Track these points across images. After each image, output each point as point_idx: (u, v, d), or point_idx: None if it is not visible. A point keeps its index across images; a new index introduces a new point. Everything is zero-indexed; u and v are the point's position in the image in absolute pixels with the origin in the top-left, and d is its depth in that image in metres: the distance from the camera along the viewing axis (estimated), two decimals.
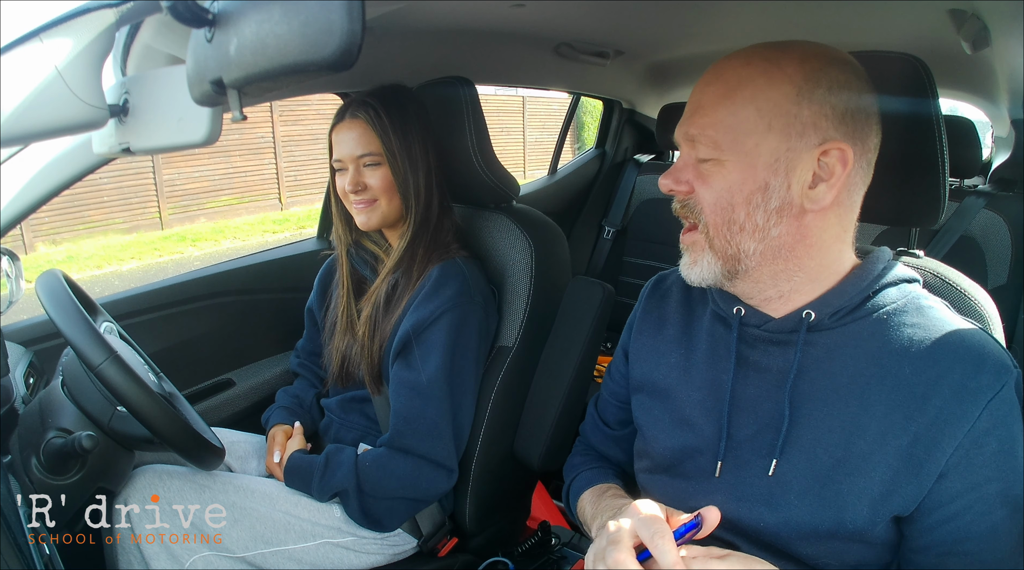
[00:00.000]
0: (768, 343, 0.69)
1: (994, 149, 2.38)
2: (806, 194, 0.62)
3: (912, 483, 0.60)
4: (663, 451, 0.74)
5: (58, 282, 0.87)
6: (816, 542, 0.63)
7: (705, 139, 0.63)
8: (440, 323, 1.04)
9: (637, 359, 0.80)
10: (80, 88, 0.57)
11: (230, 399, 1.41)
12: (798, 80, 0.61)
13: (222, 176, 7.41)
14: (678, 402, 0.74)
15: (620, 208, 2.26)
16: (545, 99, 9.95)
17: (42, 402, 0.87)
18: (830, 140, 0.61)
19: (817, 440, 0.64)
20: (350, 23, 0.37)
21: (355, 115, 1.07)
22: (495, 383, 1.12)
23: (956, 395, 0.59)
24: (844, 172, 0.62)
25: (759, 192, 0.62)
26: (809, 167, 0.62)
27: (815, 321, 0.66)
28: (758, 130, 0.61)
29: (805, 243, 0.65)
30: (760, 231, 0.64)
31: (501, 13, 1.16)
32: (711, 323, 0.74)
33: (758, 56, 0.63)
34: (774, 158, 0.62)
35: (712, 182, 0.64)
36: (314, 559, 1.03)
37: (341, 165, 1.09)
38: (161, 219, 6.96)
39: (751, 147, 0.62)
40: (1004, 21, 0.86)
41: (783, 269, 0.66)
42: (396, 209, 1.10)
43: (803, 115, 0.61)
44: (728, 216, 0.64)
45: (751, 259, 0.65)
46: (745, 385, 0.69)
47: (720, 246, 0.65)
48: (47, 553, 0.72)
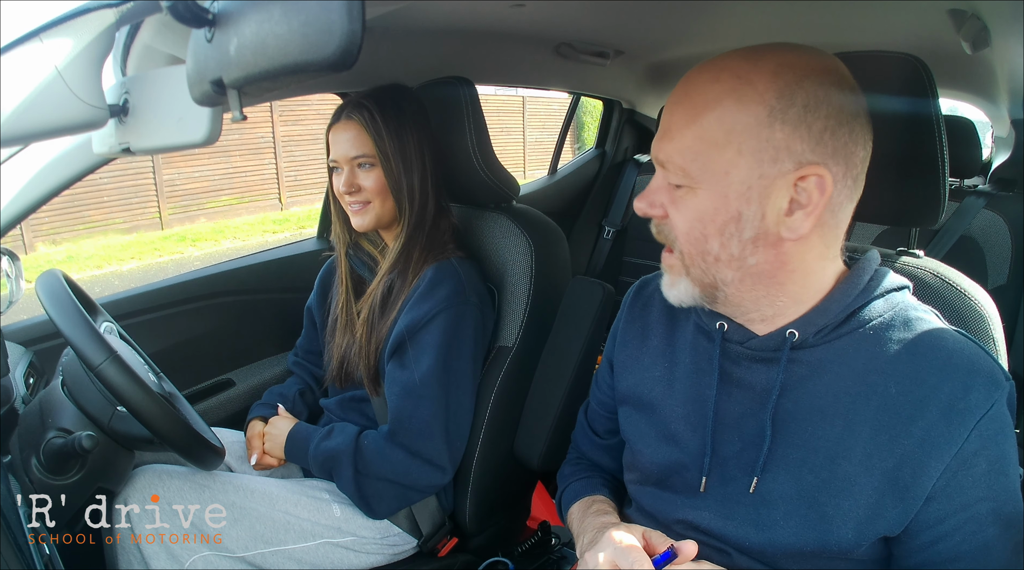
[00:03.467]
0: (751, 360, 0.66)
1: (994, 149, 2.38)
2: (783, 222, 0.59)
3: (899, 506, 0.59)
4: (649, 465, 0.73)
5: (58, 282, 0.87)
6: (802, 560, 0.63)
7: (672, 166, 0.60)
8: (434, 324, 1.04)
9: (622, 371, 0.79)
10: (80, 88, 0.57)
11: (230, 399, 1.41)
12: (770, 99, 0.56)
13: (222, 176, 7.41)
14: (663, 416, 0.72)
15: (620, 208, 2.25)
16: (545, 99, 9.95)
17: (42, 402, 0.87)
18: (807, 164, 0.57)
19: (803, 460, 0.62)
20: (350, 23, 0.37)
21: (350, 116, 1.07)
22: (495, 383, 1.12)
23: (944, 416, 0.57)
24: (823, 198, 0.58)
25: (732, 222, 0.59)
26: (785, 193, 0.58)
27: (798, 340, 0.63)
28: (727, 156, 0.57)
29: (786, 269, 0.61)
30: (736, 260, 0.60)
31: (501, 13, 1.15)
32: (694, 336, 0.72)
33: (727, 72, 0.58)
34: (746, 186, 0.58)
35: (683, 210, 0.61)
36: (314, 559, 1.03)
37: (336, 165, 1.10)
38: (161, 219, 6.95)
39: (721, 175, 0.58)
40: (1004, 21, 0.86)
41: (764, 295, 0.63)
42: (390, 210, 1.10)
43: (775, 138, 0.56)
44: (702, 247, 0.61)
45: (729, 287, 0.62)
46: (729, 401, 0.67)
47: (696, 274, 0.63)
48: (47, 553, 0.72)
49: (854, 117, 0.58)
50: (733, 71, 0.58)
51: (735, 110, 0.57)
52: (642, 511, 0.76)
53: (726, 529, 0.65)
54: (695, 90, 0.59)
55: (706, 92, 0.58)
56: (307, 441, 1.09)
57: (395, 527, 1.11)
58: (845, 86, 0.58)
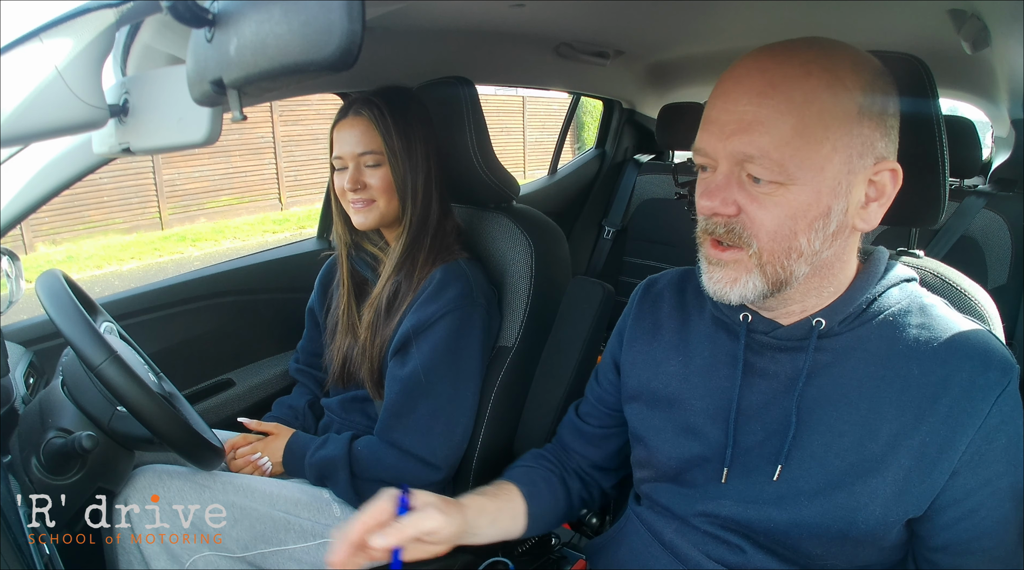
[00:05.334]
0: (776, 350, 0.68)
1: (994, 149, 2.38)
2: (859, 214, 0.61)
3: (925, 482, 0.60)
4: (668, 461, 0.73)
5: (58, 282, 0.87)
6: (827, 543, 0.64)
7: (767, 162, 0.57)
8: (441, 324, 1.04)
9: (632, 368, 0.79)
10: (80, 88, 0.57)
11: (230, 399, 1.42)
12: (858, 95, 0.57)
13: (222, 176, 7.41)
14: (681, 411, 0.72)
15: (620, 208, 2.26)
16: (545, 99, 9.95)
17: (42, 402, 0.87)
18: (882, 159, 0.60)
19: (828, 445, 0.63)
20: (350, 23, 0.37)
21: (359, 113, 1.07)
22: (495, 383, 1.12)
23: (966, 393, 0.60)
24: (895, 190, 0.60)
25: (822, 217, 0.59)
26: (863, 188, 0.60)
27: (825, 328, 0.65)
28: (823, 151, 0.57)
29: (843, 259, 0.64)
30: (815, 255, 0.61)
31: (501, 13, 1.16)
32: (711, 328, 0.73)
33: (816, 66, 0.57)
34: (836, 181, 0.58)
35: (771, 206, 0.58)
36: (314, 559, 1.03)
37: (341, 162, 1.09)
38: (161, 219, 6.95)
39: (817, 170, 0.57)
40: (1004, 21, 0.87)
41: (817, 286, 0.64)
42: (394, 210, 1.10)
43: (863, 134, 0.58)
44: (789, 243, 0.59)
45: (799, 281, 0.62)
46: (751, 392, 0.68)
47: (772, 272, 0.61)
48: (47, 553, 0.72)
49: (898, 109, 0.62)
50: (822, 65, 0.57)
51: (832, 104, 0.57)
52: (656, 507, 0.76)
53: (748, 514, 0.66)
54: (785, 83, 0.57)
55: (802, 86, 0.57)
56: (302, 454, 1.09)
57: None
58: (895, 84, 0.61)
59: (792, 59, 0.58)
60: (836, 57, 0.58)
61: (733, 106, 0.59)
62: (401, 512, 0.68)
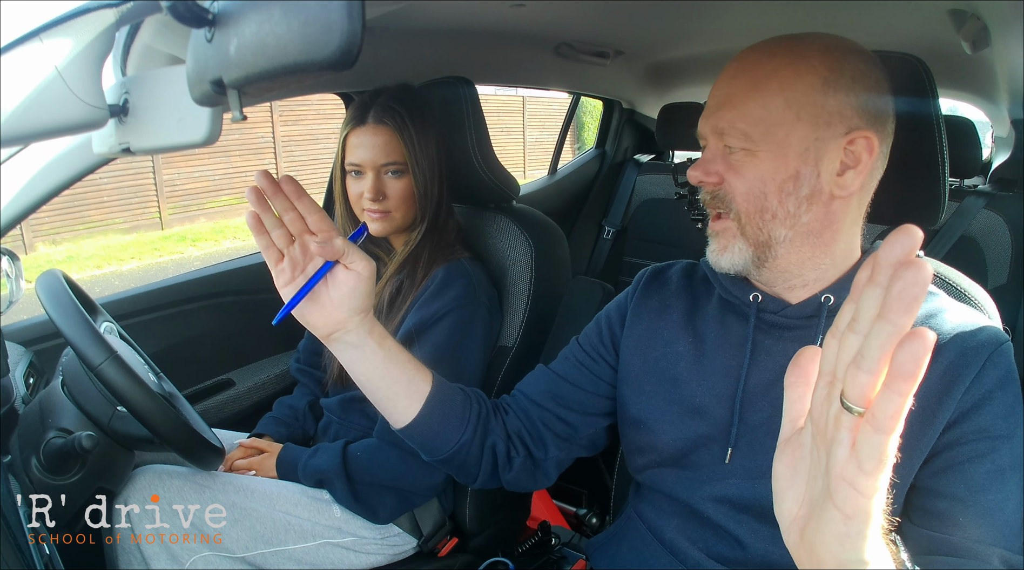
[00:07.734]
0: (784, 328, 0.70)
1: (994, 149, 2.38)
2: (835, 181, 0.65)
3: (926, 434, 0.62)
4: (672, 442, 0.74)
5: (58, 282, 0.87)
6: None
7: (735, 132, 0.65)
8: (443, 322, 1.04)
9: (635, 346, 0.79)
10: (80, 88, 0.56)
11: (230, 399, 1.41)
12: (823, 71, 0.63)
13: (222, 176, 7.41)
14: (688, 391, 0.73)
15: (620, 208, 2.25)
16: (545, 99, 9.95)
17: (42, 402, 0.87)
18: (856, 129, 0.63)
19: None
20: (350, 23, 0.37)
21: (381, 121, 1.05)
22: (495, 383, 1.12)
23: (960, 354, 0.63)
24: (871, 159, 0.64)
25: (790, 180, 0.64)
26: (836, 155, 0.64)
27: (834, 304, 0.67)
28: (787, 120, 0.63)
29: (832, 229, 0.67)
30: (791, 218, 0.65)
31: (501, 13, 1.16)
32: (719, 310, 0.75)
33: (783, 48, 0.65)
34: (803, 147, 0.63)
35: (744, 172, 0.65)
36: (314, 559, 1.03)
37: (359, 170, 1.07)
38: (161, 219, 6.95)
39: (782, 137, 0.63)
40: (1004, 21, 0.87)
41: (810, 257, 0.67)
42: (409, 219, 1.09)
43: (829, 105, 0.63)
44: (761, 204, 0.65)
45: (781, 245, 0.67)
46: (759, 370, 0.70)
47: (752, 233, 0.67)
48: (47, 553, 0.72)
49: (887, 91, 0.66)
50: (788, 48, 0.65)
51: (793, 79, 0.63)
52: (658, 497, 0.76)
53: (756, 490, 0.68)
54: (753, 65, 0.65)
55: (765, 65, 0.64)
56: (295, 463, 1.08)
57: (395, 527, 1.10)
58: (878, 67, 0.66)
59: (764, 47, 0.66)
60: (807, 41, 0.65)
61: (715, 90, 0.68)
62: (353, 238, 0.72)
